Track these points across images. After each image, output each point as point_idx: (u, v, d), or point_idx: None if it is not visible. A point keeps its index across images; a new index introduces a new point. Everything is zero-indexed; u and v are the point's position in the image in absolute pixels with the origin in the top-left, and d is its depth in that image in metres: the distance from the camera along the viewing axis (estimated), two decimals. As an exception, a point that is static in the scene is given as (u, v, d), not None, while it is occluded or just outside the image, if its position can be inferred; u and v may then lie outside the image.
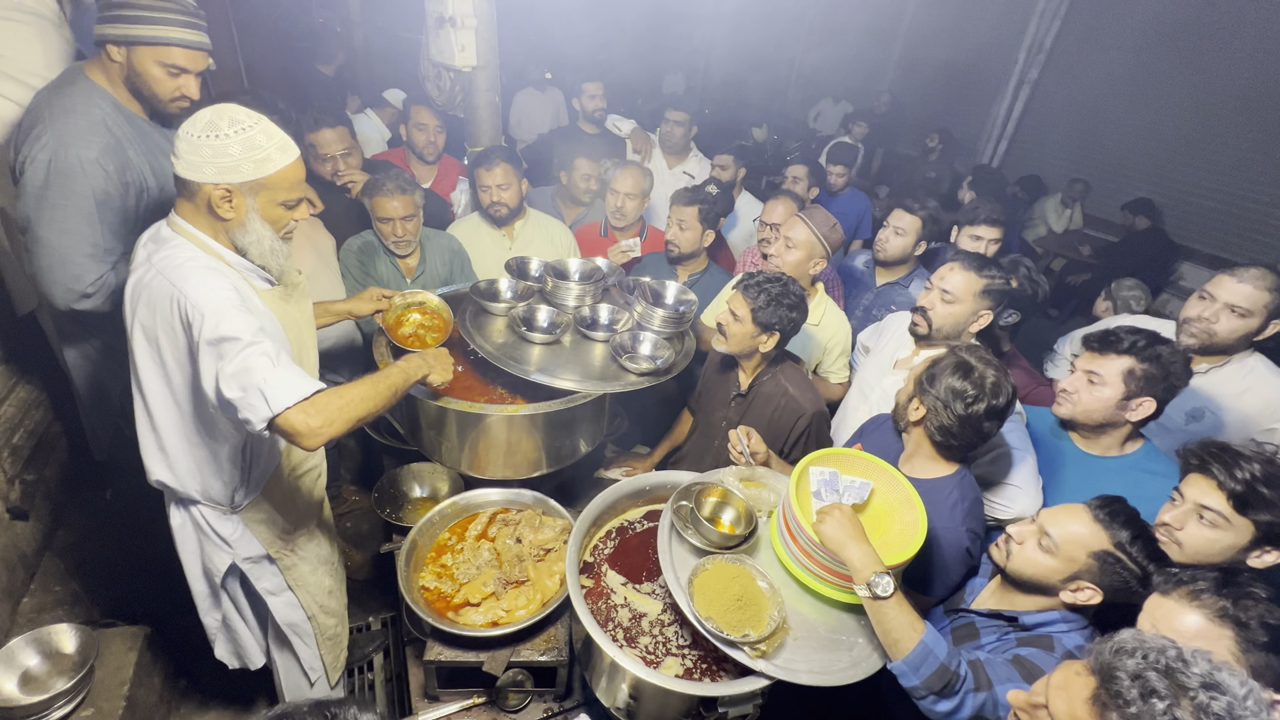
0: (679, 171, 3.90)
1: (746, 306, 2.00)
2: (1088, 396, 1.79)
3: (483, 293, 2.29)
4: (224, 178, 1.37)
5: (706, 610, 1.43)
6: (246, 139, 1.36)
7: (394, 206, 2.45)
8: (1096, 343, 1.79)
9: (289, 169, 1.44)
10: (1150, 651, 0.87)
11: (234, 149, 1.35)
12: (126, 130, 1.84)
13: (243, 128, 1.36)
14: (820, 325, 2.53)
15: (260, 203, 1.43)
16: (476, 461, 2.13)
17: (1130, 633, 0.93)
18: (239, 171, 1.36)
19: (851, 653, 1.48)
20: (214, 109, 1.37)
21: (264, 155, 1.38)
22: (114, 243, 1.84)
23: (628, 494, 1.89)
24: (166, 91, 1.84)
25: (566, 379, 2.01)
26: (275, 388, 1.33)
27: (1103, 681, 0.88)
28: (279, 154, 1.41)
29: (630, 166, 3.04)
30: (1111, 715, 0.85)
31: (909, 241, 2.87)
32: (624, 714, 1.58)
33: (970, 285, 2.04)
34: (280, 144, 1.41)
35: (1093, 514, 1.38)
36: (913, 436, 1.73)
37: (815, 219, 2.43)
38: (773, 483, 1.80)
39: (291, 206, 1.50)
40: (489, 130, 2.93)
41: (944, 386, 1.60)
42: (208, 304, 1.36)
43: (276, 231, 1.49)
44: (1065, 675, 0.95)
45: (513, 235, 2.86)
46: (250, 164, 1.37)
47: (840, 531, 1.39)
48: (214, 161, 1.35)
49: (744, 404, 2.16)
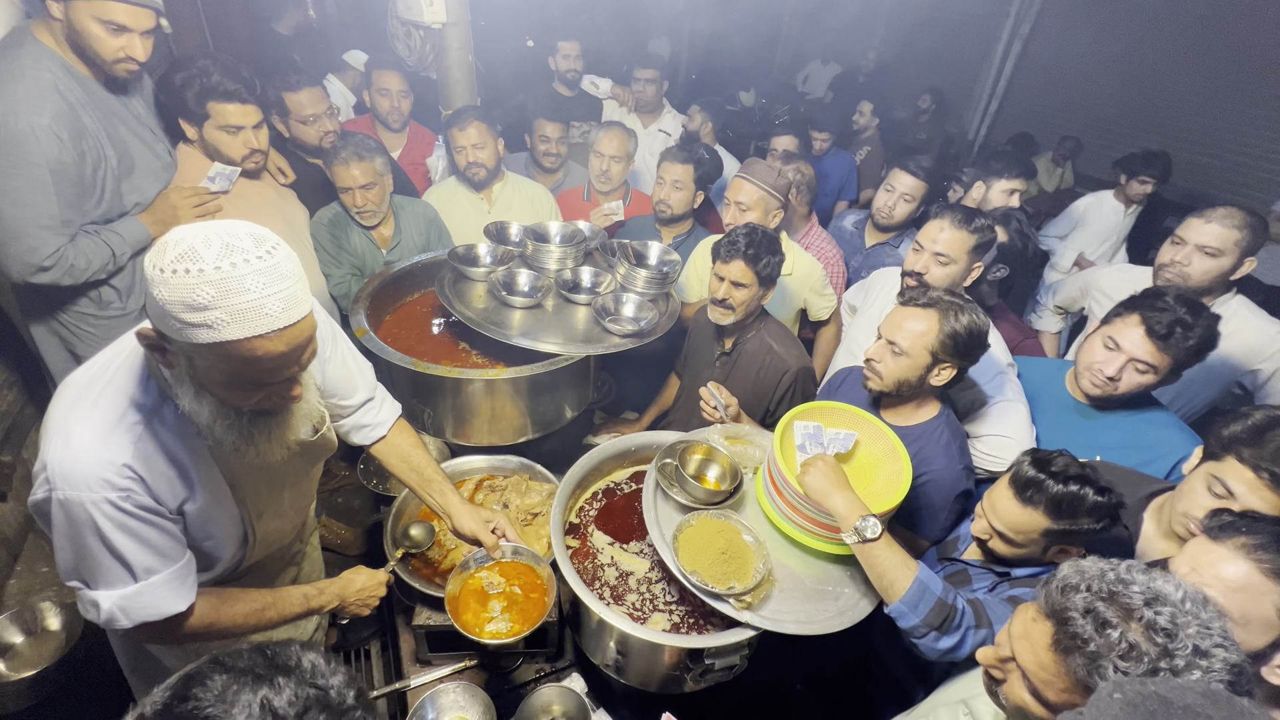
0: (654, 130, 3.81)
1: (751, 272, 1.95)
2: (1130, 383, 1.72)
3: (461, 258, 2.24)
4: (151, 319, 0.94)
5: (691, 565, 1.43)
6: (182, 287, 0.86)
7: (353, 175, 2.33)
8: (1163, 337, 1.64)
9: (246, 345, 0.91)
10: (1092, 581, 0.88)
11: (162, 292, 0.87)
12: (80, 95, 1.75)
13: (187, 269, 0.86)
14: (793, 274, 2.49)
15: (200, 370, 0.98)
16: (461, 428, 2.11)
17: (1069, 566, 0.92)
18: (164, 323, 0.91)
19: (838, 602, 1.48)
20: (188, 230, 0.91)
21: (198, 319, 0.88)
22: (71, 214, 1.76)
23: (612, 455, 1.88)
24: (109, 51, 1.73)
25: (549, 342, 1.98)
26: (115, 611, 1.10)
27: (1058, 624, 0.88)
28: (229, 323, 0.88)
29: (613, 128, 2.95)
30: (1075, 658, 0.85)
31: (915, 206, 2.81)
32: (613, 670, 1.59)
33: (963, 243, 2.00)
34: (239, 309, 0.88)
35: (1019, 501, 1.32)
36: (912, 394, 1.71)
37: (756, 173, 2.36)
38: (758, 439, 1.79)
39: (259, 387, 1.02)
40: (463, 91, 2.83)
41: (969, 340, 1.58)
42: (64, 485, 1.01)
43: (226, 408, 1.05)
44: (1023, 623, 0.94)
45: (491, 199, 2.79)
46: (175, 322, 0.88)
47: (824, 481, 1.38)
48: (147, 292, 0.91)
49: (729, 363, 2.14)
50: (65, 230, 1.75)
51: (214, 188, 2.05)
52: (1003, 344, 2.07)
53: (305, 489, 1.49)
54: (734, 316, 2.01)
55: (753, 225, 1.98)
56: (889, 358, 1.63)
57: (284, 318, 0.93)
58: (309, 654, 0.74)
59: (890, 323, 1.65)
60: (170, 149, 2.05)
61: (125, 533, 1.05)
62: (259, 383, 1.00)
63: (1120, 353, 1.70)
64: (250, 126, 2.06)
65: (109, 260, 1.87)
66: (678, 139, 3.83)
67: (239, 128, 2.04)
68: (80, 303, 1.94)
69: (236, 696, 0.67)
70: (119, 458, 1.02)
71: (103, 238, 1.85)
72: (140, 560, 1.09)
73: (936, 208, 2.08)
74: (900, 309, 1.65)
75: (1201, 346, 1.64)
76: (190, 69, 1.95)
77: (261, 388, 1.02)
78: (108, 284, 1.94)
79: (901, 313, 1.64)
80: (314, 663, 0.73)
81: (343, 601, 1.47)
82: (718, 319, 2.04)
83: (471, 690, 1.64)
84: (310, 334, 1.01)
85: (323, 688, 0.72)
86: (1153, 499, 1.53)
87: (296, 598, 1.37)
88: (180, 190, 2.00)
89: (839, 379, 2.01)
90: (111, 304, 1.98)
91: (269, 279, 0.91)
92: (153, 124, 2.00)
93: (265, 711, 0.67)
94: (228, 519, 1.25)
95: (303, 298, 0.97)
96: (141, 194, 1.93)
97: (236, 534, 1.29)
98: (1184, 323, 1.62)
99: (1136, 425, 1.79)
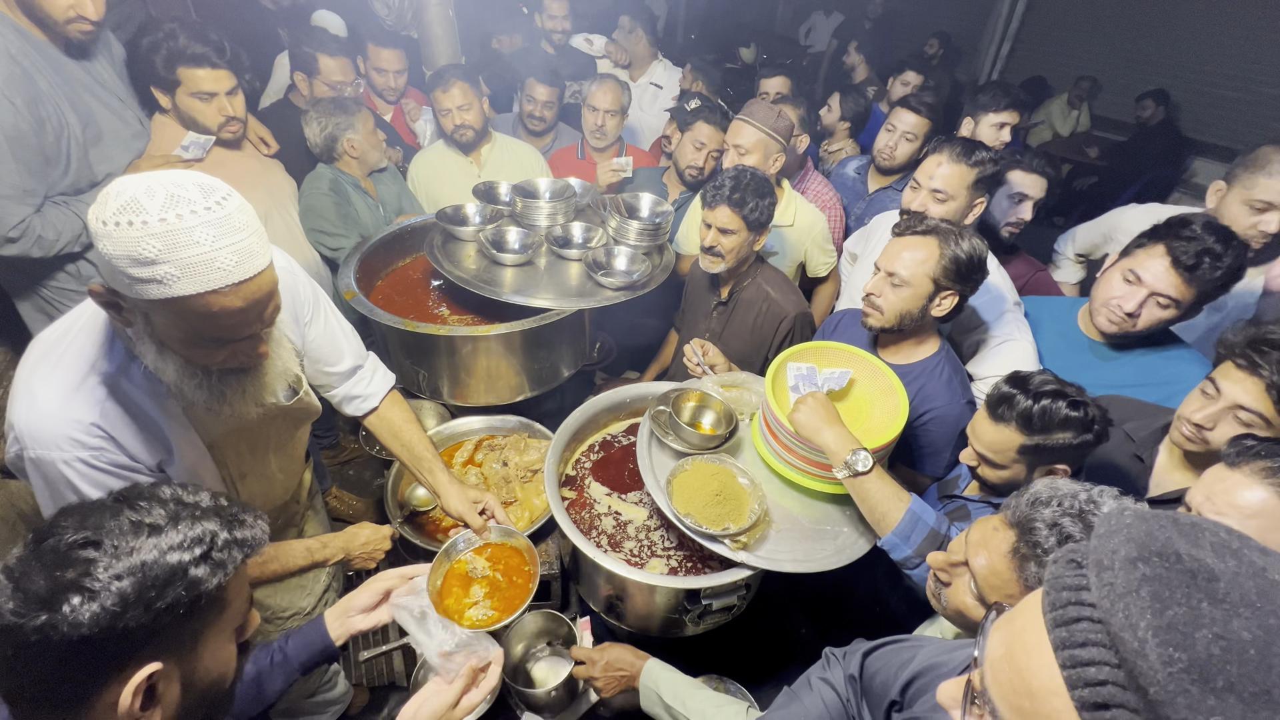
0: (644, 83, 3.69)
1: (738, 217, 1.87)
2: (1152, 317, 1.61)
3: (450, 218, 2.21)
4: (102, 275, 0.91)
5: (685, 507, 1.41)
6: (127, 240, 0.83)
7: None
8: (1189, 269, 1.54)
9: (199, 301, 0.88)
10: (1064, 499, 0.87)
11: (109, 247, 0.84)
12: (35, 59, 1.69)
13: (130, 221, 0.82)
14: (795, 225, 2.42)
15: (158, 327, 0.95)
16: (458, 389, 2.10)
17: (1044, 483, 0.91)
18: (114, 279, 0.88)
19: (836, 541, 1.46)
20: (129, 181, 0.86)
21: (146, 274, 0.84)
22: (34, 184, 1.71)
23: (607, 407, 1.86)
24: (58, 10, 1.66)
25: (542, 298, 1.95)
26: None
27: (1021, 534, 0.87)
28: (179, 278, 0.85)
29: (606, 80, 2.86)
30: (1030, 566, 0.85)
31: (918, 146, 2.69)
32: (614, 617, 1.60)
33: (962, 177, 1.90)
34: (190, 262, 0.85)
35: (992, 419, 1.28)
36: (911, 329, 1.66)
37: (756, 114, 2.25)
38: (754, 385, 1.76)
39: (220, 344, 0.98)
40: (446, 49, 2.75)
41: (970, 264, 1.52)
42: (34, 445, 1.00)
43: (191, 367, 1.01)
44: (983, 531, 0.93)
45: (480, 161, 2.73)
46: (125, 277, 0.85)
47: (814, 417, 1.35)
48: (99, 249, 0.86)
49: (726, 312, 2.10)
50: (29, 200, 1.71)
51: (187, 156, 2.00)
52: (1009, 281, 2.00)
53: (292, 453, 1.47)
54: (724, 264, 1.95)
55: (741, 168, 1.91)
56: (889, 290, 1.57)
57: (238, 272, 0.89)
58: (163, 488, 0.76)
59: (888, 254, 1.58)
60: (143, 117, 2.00)
61: (102, 490, 1.02)
62: (220, 340, 0.97)
63: (1141, 286, 1.59)
64: (224, 93, 1.99)
65: (80, 232, 1.82)
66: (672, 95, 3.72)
67: (211, 94, 1.97)
68: (59, 277, 1.91)
69: (101, 522, 0.69)
70: (86, 417, 1.01)
71: (72, 209, 1.80)
72: None
73: (935, 142, 1.98)
74: (897, 240, 1.58)
75: (1228, 278, 1.54)
76: (156, 33, 1.88)
77: (224, 345, 0.98)
78: (83, 257, 1.90)
79: (899, 243, 1.57)
80: (173, 490, 0.77)
81: (347, 554, 1.46)
82: (708, 267, 1.99)
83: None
84: (271, 289, 0.98)
85: (189, 502, 0.76)
86: (1168, 430, 1.48)
87: (299, 550, 1.37)
88: (151, 159, 1.95)
89: (835, 320, 1.96)
90: (92, 278, 1.96)
91: (220, 231, 0.87)
92: (121, 91, 1.94)
93: (139, 525, 0.70)
94: (210, 480, 1.23)
95: (259, 251, 0.93)
96: (112, 163, 1.88)
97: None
98: (1213, 252, 1.50)
99: (1154, 362, 1.71)
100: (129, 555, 0.67)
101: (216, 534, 0.74)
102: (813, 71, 7.18)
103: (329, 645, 1.18)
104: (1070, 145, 6.37)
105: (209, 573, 0.71)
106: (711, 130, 2.48)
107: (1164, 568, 0.46)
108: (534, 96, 2.96)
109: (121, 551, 0.67)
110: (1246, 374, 1.21)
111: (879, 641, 1.08)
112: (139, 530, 0.69)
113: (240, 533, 0.76)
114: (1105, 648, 0.46)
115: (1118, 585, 0.46)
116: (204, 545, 0.72)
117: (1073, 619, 0.49)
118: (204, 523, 0.73)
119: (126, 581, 0.66)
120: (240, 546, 0.76)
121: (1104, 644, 0.46)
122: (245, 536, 0.77)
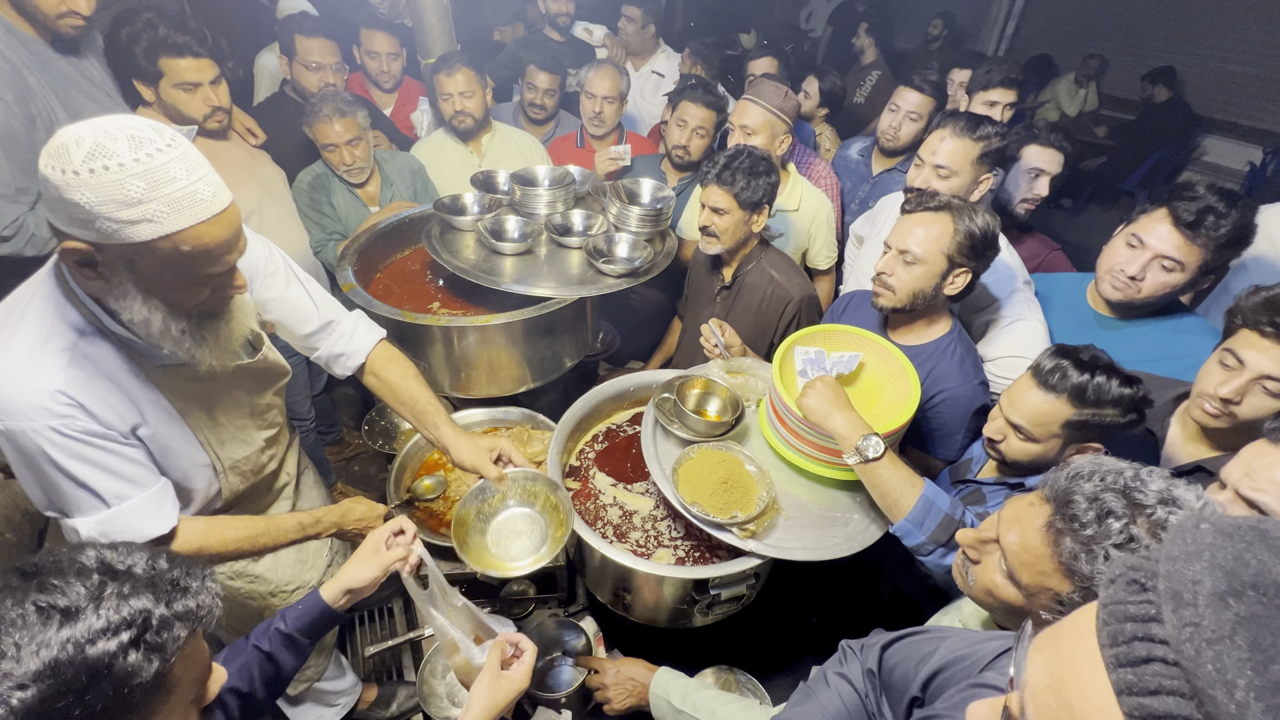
0: (646, 71, 3.64)
1: (728, 196, 1.84)
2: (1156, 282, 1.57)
3: (448, 208, 2.17)
4: (75, 231, 0.89)
5: (691, 496, 1.38)
6: (106, 184, 0.84)
7: (336, 131, 2.23)
8: (1190, 227, 1.50)
9: (187, 235, 0.91)
10: (1108, 474, 0.82)
11: (85, 195, 0.84)
12: (24, 56, 1.67)
13: (105, 165, 0.84)
14: (800, 210, 2.37)
15: (142, 273, 0.95)
16: (460, 381, 2.07)
17: (1087, 458, 0.86)
18: (93, 228, 0.87)
19: (846, 528, 1.43)
20: (81, 126, 0.86)
21: (132, 215, 0.86)
22: (26, 181, 1.69)
23: (610, 396, 1.83)
24: (50, 6, 1.65)
25: (542, 286, 1.92)
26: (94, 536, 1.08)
27: (1058, 508, 0.82)
28: (167, 213, 0.88)
29: (604, 66, 2.81)
30: (1065, 540, 0.80)
31: (923, 126, 2.64)
32: (621, 609, 1.57)
33: (966, 152, 1.85)
34: (173, 197, 0.88)
35: (1041, 390, 1.24)
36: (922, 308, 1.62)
37: (762, 94, 2.20)
38: (760, 371, 1.72)
39: (202, 281, 1.00)
40: (440, 37, 2.70)
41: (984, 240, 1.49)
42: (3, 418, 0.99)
43: (176, 311, 1.02)
44: (1017, 508, 0.89)
45: (480, 150, 2.69)
46: (110, 223, 0.86)
47: (822, 402, 1.31)
48: (61, 202, 0.86)
49: (730, 297, 2.06)
50: (22, 198, 1.69)
51: None
52: (1019, 260, 1.95)
53: (271, 419, 1.46)
54: (719, 245, 1.91)
55: (739, 147, 1.86)
56: (901, 269, 1.53)
57: (217, 203, 0.94)
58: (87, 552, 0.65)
59: (899, 232, 1.54)
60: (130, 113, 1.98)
61: (80, 460, 1.03)
62: (207, 275, 1.00)
63: (1144, 249, 1.56)
64: (207, 82, 1.95)
65: None
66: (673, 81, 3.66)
67: (195, 84, 1.93)
68: None
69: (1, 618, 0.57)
70: (50, 384, 0.99)
71: None
72: (106, 486, 1.07)
73: (940, 117, 1.93)
74: (909, 217, 1.54)
75: (1235, 237, 1.50)
76: (134, 23, 1.85)
77: (208, 282, 1.01)
78: None
79: (911, 219, 1.53)
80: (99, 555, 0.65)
81: (340, 529, 1.45)
82: (705, 248, 1.96)
83: (483, 634, 1.65)
84: (240, 218, 1.02)
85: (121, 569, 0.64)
86: (1179, 403, 1.44)
87: (291, 524, 1.37)
88: None
89: (844, 302, 1.92)
90: None
91: (188, 166, 0.91)
92: (109, 87, 1.92)
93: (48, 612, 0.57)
94: (187, 445, 1.22)
95: (221, 183, 0.97)
96: None
97: (201, 460, 1.26)
98: (1215, 210, 1.47)
99: (1164, 335, 1.67)
100: (34, 654, 0.55)
101: (151, 612, 0.62)
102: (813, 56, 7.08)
103: (325, 608, 1.16)
104: (1078, 125, 6.27)
105: (143, 659, 0.60)
106: (696, 108, 2.42)
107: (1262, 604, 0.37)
108: (535, 84, 2.91)
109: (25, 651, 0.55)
110: (1273, 342, 1.17)
111: (898, 633, 1.04)
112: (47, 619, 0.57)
113: (182, 604, 0.65)
114: (1185, 698, 0.37)
115: (1204, 628, 0.37)
116: (135, 629, 0.60)
117: (1141, 659, 0.40)
118: (135, 599, 0.61)
119: (31, 690, 0.54)
120: (185, 620, 0.64)
121: (1183, 694, 0.38)
122: (189, 608, 0.65)
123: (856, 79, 4.64)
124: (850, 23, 6.01)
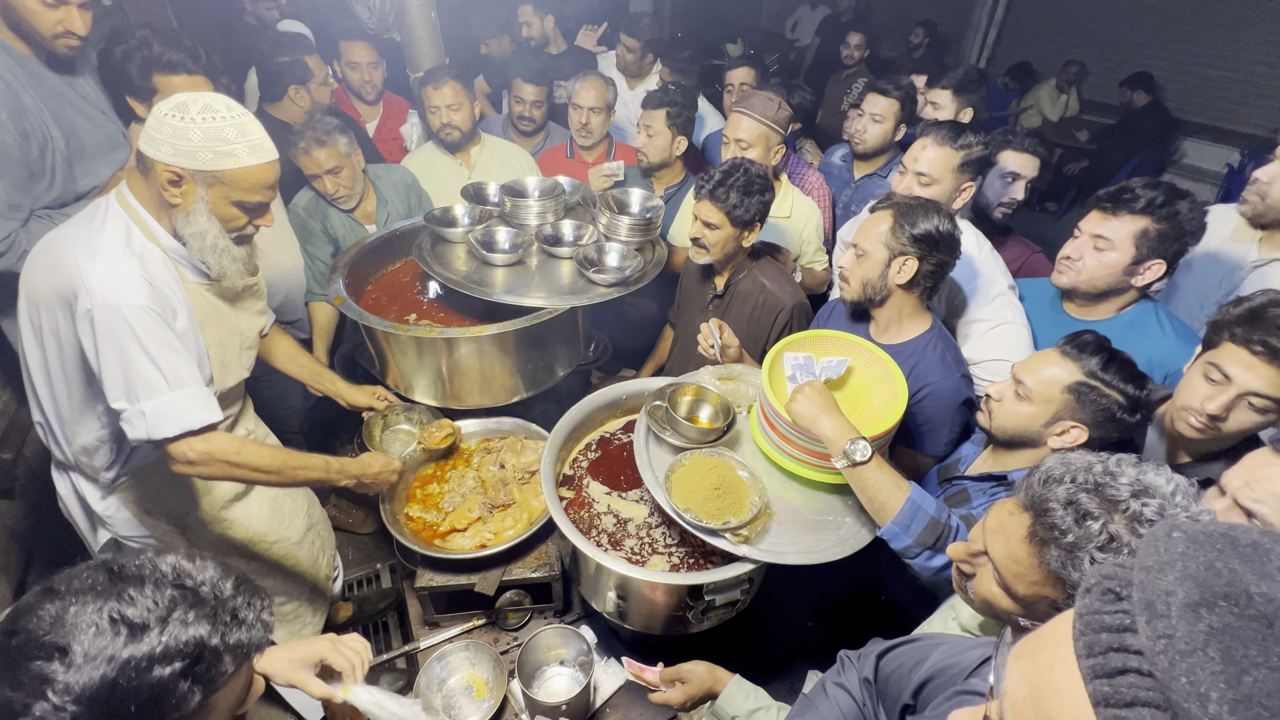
0: (641, 91, 3.69)
1: (720, 212, 1.86)
2: (1093, 263, 1.63)
3: (439, 220, 2.19)
4: (178, 161, 1.28)
5: (684, 502, 1.39)
6: (212, 129, 1.27)
7: (317, 161, 2.22)
8: (1109, 202, 1.59)
9: (254, 170, 1.34)
10: (1078, 473, 0.82)
11: (195, 135, 1.26)
12: (18, 74, 1.68)
13: (213, 116, 1.28)
14: (791, 217, 2.40)
15: (213, 196, 1.34)
16: (453, 392, 2.08)
17: (1055, 458, 0.87)
18: (195, 158, 1.28)
19: (839, 532, 1.44)
20: (194, 94, 1.29)
21: (227, 150, 1.29)
22: (19, 198, 1.69)
23: (603, 405, 1.84)
24: (46, 26, 1.65)
25: (534, 297, 1.93)
26: (159, 416, 1.31)
27: (1036, 516, 0.82)
28: (246, 153, 1.31)
29: (591, 77, 2.84)
30: (1050, 549, 0.80)
31: (888, 128, 2.71)
32: (617, 617, 1.57)
33: (947, 161, 1.90)
34: (252, 143, 1.32)
35: (1060, 351, 1.32)
36: (891, 302, 1.64)
37: (753, 106, 2.23)
38: (751, 377, 1.74)
39: (249, 209, 1.40)
40: (429, 51, 2.72)
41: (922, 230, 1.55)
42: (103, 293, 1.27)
43: (226, 229, 1.40)
44: (999, 517, 0.89)
45: (470, 162, 2.71)
46: (210, 154, 1.28)
47: (810, 406, 1.33)
48: (173, 142, 1.27)
49: (722, 305, 2.08)
50: (15, 215, 1.69)
51: None
52: (1003, 265, 1.99)
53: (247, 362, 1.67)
54: (709, 257, 1.95)
55: (736, 163, 1.89)
56: (853, 262, 1.66)
57: (273, 153, 1.37)
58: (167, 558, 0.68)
59: (858, 231, 1.67)
60: (124, 129, 1.98)
61: (155, 339, 1.30)
62: (257, 204, 1.39)
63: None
64: None
65: None
66: None
67: None
68: None
69: (77, 618, 0.60)
70: (137, 270, 1.31)
71: (57, 223, 1.76)
72: (172, 366, 1.32)
73: (922, 125, 1.97)
74: (869, 218, 1.67)
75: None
76: (129, 41, 1.86)
77: (254, 210, 1.40)
78: None
79: (867, 219, 1.67)
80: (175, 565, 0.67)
81: (360, 479, 1.67)
82: (694, 258, 1.99)
83: (479, 646, 1.65)
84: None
85: (190, 586, 0.66)
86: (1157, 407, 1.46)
87: (319, 462, 1.58)
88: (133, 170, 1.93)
89: (829, 309, 1.96)
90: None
91: (257, 127, 1.34)
92: (102, 104, 1.92)
93: (118, 624, 0.60)
94: (200, 355, 1.45)
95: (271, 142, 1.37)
96: (96, 176, 1.86)
97: (206, 374, 1.47)
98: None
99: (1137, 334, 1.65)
100: (94, 668, 0.58)
101: (205, 644, 0.64)
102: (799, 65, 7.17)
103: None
104: (1060, 130, 6.37)
105: (189, 690, 0.62)
106: (654, 114, 2.50)
107: (1234, 615, 0.37)
108: (522, 97, 2.94)
109: (89, 662, 0.58)
110: (1263, 361, 1.17)
111: (893, 642, 1.05)
112: (116, 631, 0.59)
113: (235, 636, 0.67)
114: (1160, 710, 0.38)
115: (1178, 640, 0.38)
116: (188, 658, 0.62)
117: (1116, 670, 0.40)
118: (196, 626, 0.64)
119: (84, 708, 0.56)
120: (235, 654, 0.66)
121: (1159, 705, 0.38)
122: (240, 641, 0.67)
123: (842, 88, 4.71)
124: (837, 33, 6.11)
